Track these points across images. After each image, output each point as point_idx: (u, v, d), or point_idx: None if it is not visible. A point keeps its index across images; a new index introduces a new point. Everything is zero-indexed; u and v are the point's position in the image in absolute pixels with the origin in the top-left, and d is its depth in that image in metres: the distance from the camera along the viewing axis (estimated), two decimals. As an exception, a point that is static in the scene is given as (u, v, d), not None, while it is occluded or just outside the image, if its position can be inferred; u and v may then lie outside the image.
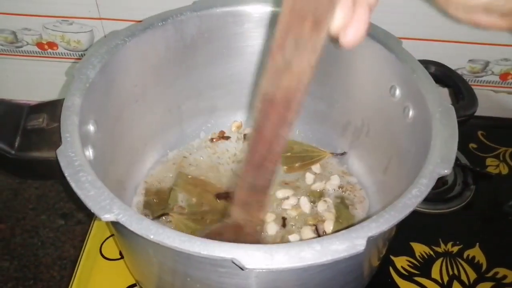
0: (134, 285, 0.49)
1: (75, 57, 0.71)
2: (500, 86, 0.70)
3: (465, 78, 0.68)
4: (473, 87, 0.70)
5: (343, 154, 0.56)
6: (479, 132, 0.67)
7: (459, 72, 0.68)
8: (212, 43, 0.51)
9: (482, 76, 0.69)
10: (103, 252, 0.52)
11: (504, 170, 0.63)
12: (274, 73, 0.26)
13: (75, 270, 0.50)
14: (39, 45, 0.70)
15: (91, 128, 0.40)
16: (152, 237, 0.28)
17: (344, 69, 0.51)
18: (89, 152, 0.38)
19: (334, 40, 0.26)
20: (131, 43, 0.44)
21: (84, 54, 0.70)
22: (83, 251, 0.52)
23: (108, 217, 0.29)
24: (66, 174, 0.31)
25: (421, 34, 0.62)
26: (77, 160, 0.32)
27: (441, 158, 0.33)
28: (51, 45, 0.70)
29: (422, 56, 0.63)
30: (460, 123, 0.39)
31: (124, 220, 0.29)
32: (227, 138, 0.58)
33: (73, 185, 0.30)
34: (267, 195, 0.32)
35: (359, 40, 0.26)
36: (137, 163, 0.53)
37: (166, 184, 0.53)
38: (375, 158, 0.51)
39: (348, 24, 0.25)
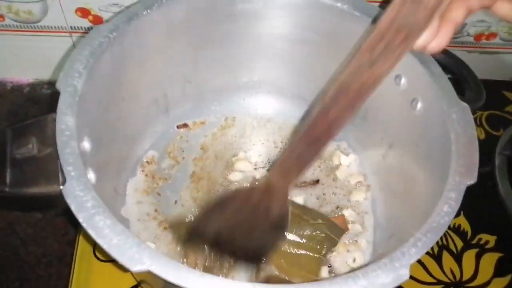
0: (136, 286, 0.47)
1: (28, 29, 0.63)
2: (473, 47, 0.70)
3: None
4: (448, 48, 0.71)
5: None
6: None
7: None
8: (200, 27, 0.46)
9: (458, 37, 0.69)
10: (97, 254, 0.49)
11: (482, 135, 0.65)
12: (357, 68, 0.29)
13: (71, 278, 0.47)
14: (-18, 17, 0.61)
15: (86, 146, 0.35)
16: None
17: (340, 46, 0.48)
18: (91, 175, 0.34)
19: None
20: (116, 39, 0.39)
21: (39, 27, 0.62)
22: (76, 255, 0.49)
23: (139, 268, 0.27)
24: (80, 221, 0.28)
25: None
26: (88, 201, 0.29)
27: (465, 167, 0.33)
28: (-4, 16, 0.61)
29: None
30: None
31: (158, 270, 0.27)
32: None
33: (92, 233, 0.27)
34: (308, 166, 0.36)
35: (438, 51, 0.30)
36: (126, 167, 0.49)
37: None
38: (373, 142, 0.51)
39: (431, 39, 0.29)
